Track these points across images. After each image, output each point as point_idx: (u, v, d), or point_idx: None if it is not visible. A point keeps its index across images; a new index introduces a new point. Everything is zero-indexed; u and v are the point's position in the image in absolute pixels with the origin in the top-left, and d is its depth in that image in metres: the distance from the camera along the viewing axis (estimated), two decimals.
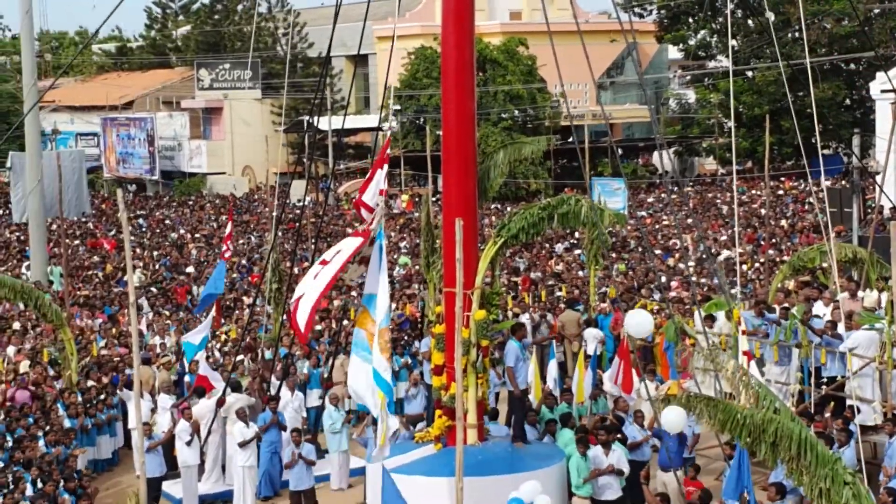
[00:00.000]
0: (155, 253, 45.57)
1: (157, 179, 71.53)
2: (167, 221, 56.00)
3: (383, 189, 16.69)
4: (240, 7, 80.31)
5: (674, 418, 16.37)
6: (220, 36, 79.45)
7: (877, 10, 57.08)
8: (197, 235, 50.65)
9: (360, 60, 69.41)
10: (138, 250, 44.98)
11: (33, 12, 39.14)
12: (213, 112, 72.84)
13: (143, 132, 71.48)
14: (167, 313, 33.51)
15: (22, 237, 49.08)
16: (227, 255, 27.39)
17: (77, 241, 48.81)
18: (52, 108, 74.73)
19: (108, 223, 55.32)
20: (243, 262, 42.24)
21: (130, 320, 15.23)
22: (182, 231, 52.24)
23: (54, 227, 46.70)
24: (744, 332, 19.36)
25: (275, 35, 76.18)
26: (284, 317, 22.42)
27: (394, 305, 28.78)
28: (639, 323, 17.94)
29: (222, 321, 28.44)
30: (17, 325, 31.27)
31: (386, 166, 16.86)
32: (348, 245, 16.81)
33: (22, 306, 30.45)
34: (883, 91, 42.19)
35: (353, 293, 31.29)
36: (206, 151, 72.08)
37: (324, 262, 16.56)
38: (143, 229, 53.07)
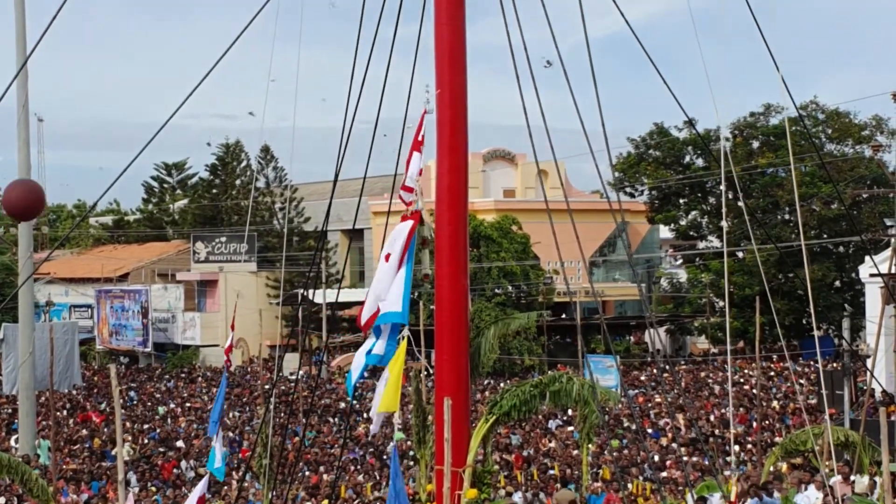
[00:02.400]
0: (145, 426, 45.22)
1: (150, 352, 71.44)
2: (157, 395, 55.71)
3: (421, 169, 16.17)
4: (238, 182, 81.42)
5: None
6: (217, 210, 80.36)
7: (865, 195, 58.00)
8: (188, 406, 50.33)
9: (355, 235, 70.11)
10: (128, 423, 44.63)
11: None
12: (208, 284, 73.19)
13: (137, 304, 71.67)
14: (154, 489, 33.09)
15: (10, 410, 48.72)
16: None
17: (66, 413, 48.46)
18: (46, 281, 75.03)
19: (99, 396, 55.00)
20: (231, 434, 41.89)
21: (119, 497, 15.08)
22: (172, 405, 51.93)
23: (43, 398, 46.43)
24: None
25: (272, 209, 77.08)
26: (273, 494, 22.11)
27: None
28: None
29: (208, 496, 28.07)
30: (2, 500, 30.82)
31: (423, 150, 16.44)
32: (402, 231, 16.16)
33: (8, 481, 30.07)
34: (872, 275, 42.56)
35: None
36: (200, 324, 72.18)
37: (387, 258, 15.88)
38: (134, 402, 52.75)
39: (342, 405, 48.43)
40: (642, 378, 54.81)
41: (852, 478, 23.24)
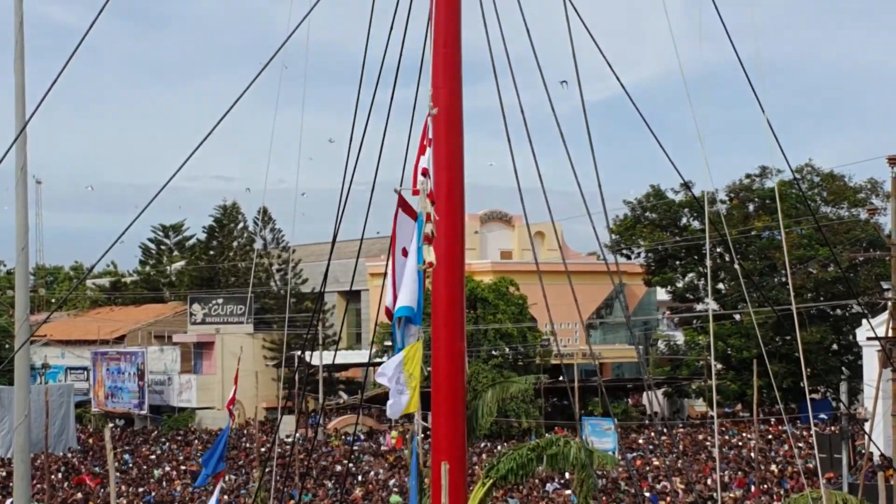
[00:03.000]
0: (140, 489, 44.94)
1: (146, 414, 71.15)
2: (153, 457, 55.41)
3: (425, 168, 15.93)
4: (235, 244, 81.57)
5: None
6: (214, 271, 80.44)
7: (861, 258, 58.10)
8: (183, 468, 50.05)
9: (352, 296, 70.05)
10: (123, 487, 44.35)
11: (29, 247, 39.66)
12: (205, 346, 73.05)
13: (134, 366, 71.48)
14: None
15: (4, 473, 48.44)
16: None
17: (61, 477, 48.17)
18: (43, 343, 74.89)
19: (94, 458, 54.71)
20: (227, 498, 41.63)
21: None
22: (168, 468, 51.64)
23: (38, 461, 46.18)
24: None
25: (269, 271, 77.15)
26: None
27: None
28: None
29: None
30: None
31: (429, 151, 16.26)
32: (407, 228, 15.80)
33: None
34: (869, 338, 42.53)
35: None
36: (196, 386, 71.95)
37: (405, 252, 15.53)
38: (129, 465, 52.45)
39: (338, 468, 48.19)
40: (640, 441, 54.56)
41: None
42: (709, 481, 41.52)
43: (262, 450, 50.61)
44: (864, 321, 48.06)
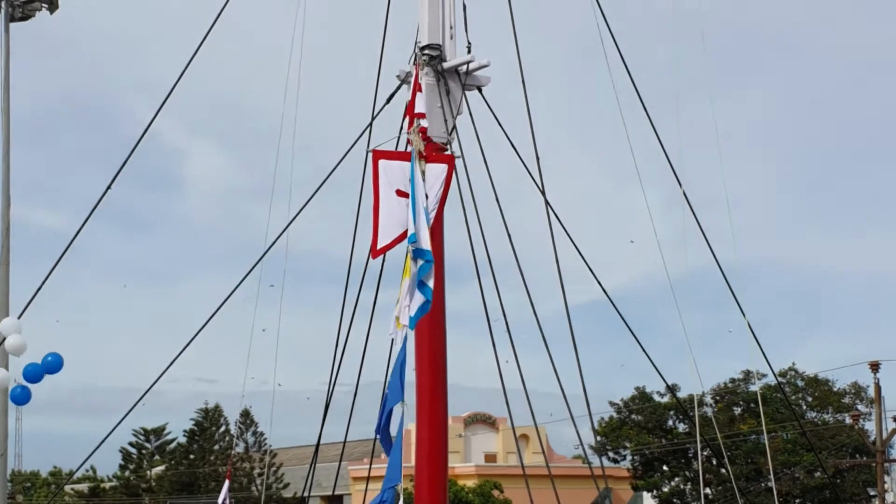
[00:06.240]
0: None
1: None
2: None
3: (422, 113, 15.05)
4: (216, 447, 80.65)
5: None
6: (195, 476, 79.31)
7: (847, 465, 57.74)
8: None
9: (334, 501, 69.06)
10: None
11: (8, 453, 39.21)
12: None
13: None
14: None
15: None
16: None
17: None
18: None
19: None
20: None
21: None
22: None
23: None
24: None
25: (251, 475, 76.11)
26: None
27: None
28: None
29: None
30: None
31: (420, 96, 15.42)
32: (437, 175, 14.84)
33: None
34: None
35: None
36: None
37: (399, 193, 14.57)
38: None
39: None
40: None
41: None
42: None
43: None
44: None
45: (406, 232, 13.80)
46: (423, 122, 14.96)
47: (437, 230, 14.82)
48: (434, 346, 15.97)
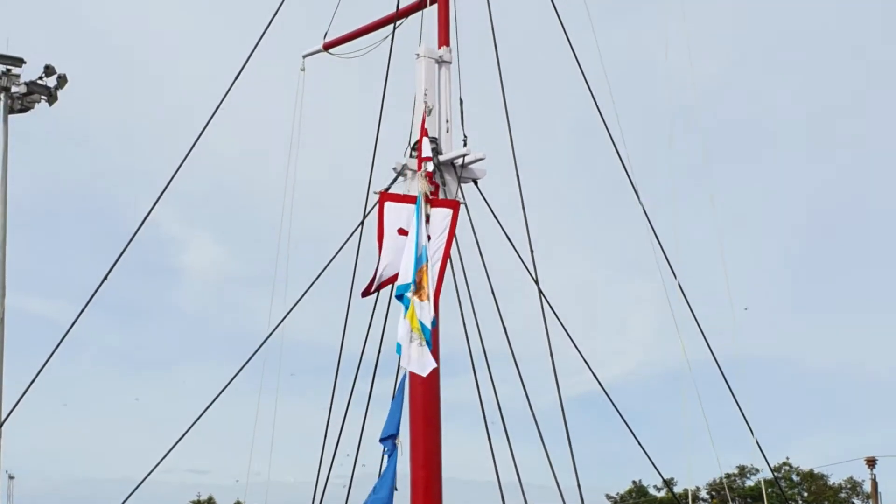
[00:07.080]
0: None
1: None
2: None
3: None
4: None
5: None
6: None
7: None
8: None
9: None
10: None
11: None
12: None
13: None
14: None
15: None
16: None
17: None
18: None
19: None
20: None
21: None
22: None
23: None
24: None
25: None
26: None
27: None
28: None
29: None
30: None
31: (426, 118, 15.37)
32: (442, 219, 14.81)
33: None
34: None
35: None
36: None
37: (401, 232, 14.50)
38: None
39: None
40: None
41: None
42: None
43: None
44: None
45: (396, 275, 14.15)
46: (430, 166, 15.22)
47: (442, 275, 14.83)
48: (428, 438, 15.81)
